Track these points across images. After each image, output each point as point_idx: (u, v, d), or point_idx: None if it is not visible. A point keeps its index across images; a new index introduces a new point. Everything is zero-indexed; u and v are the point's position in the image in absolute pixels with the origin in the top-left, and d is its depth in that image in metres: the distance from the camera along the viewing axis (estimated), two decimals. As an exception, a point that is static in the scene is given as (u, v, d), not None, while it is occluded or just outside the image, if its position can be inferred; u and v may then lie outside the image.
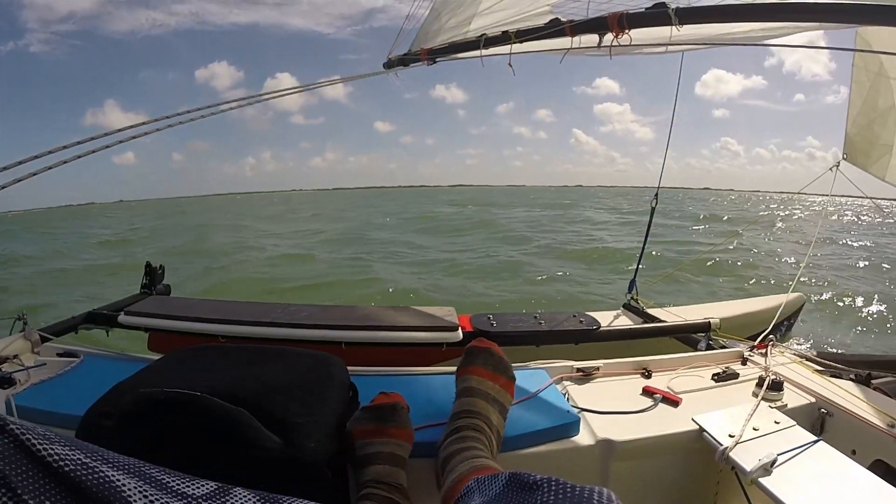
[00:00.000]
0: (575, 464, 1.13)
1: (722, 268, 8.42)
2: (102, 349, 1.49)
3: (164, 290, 2.34)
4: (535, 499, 0.57)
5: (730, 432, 1.16)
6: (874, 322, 5.75)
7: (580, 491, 0.55)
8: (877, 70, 2.66)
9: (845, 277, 8.18)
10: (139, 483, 0.44)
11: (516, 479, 0.63)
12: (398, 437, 0.98)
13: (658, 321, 2.34)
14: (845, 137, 2.96)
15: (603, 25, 1.77)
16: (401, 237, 14.00)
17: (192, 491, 0.48)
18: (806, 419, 1.34)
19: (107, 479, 0.42)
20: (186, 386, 0.80)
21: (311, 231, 16.08)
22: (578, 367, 1.47)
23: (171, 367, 1.03)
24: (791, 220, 21.24)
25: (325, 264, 9.23)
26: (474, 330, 1.94)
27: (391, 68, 2.38)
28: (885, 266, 9.36)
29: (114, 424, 0.76)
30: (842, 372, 1.59)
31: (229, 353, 1.09)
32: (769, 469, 1.04)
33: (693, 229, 16.11)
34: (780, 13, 1.56)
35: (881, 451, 1.22)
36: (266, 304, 2.11)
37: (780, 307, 2.43)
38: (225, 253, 10.66)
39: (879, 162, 2.82)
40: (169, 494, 0.46)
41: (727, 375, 1.51)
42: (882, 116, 2.74)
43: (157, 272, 2.33)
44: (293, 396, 0.89)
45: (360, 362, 1.30)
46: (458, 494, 0.73)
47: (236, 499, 0.50)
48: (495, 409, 1.04)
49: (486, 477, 0.69)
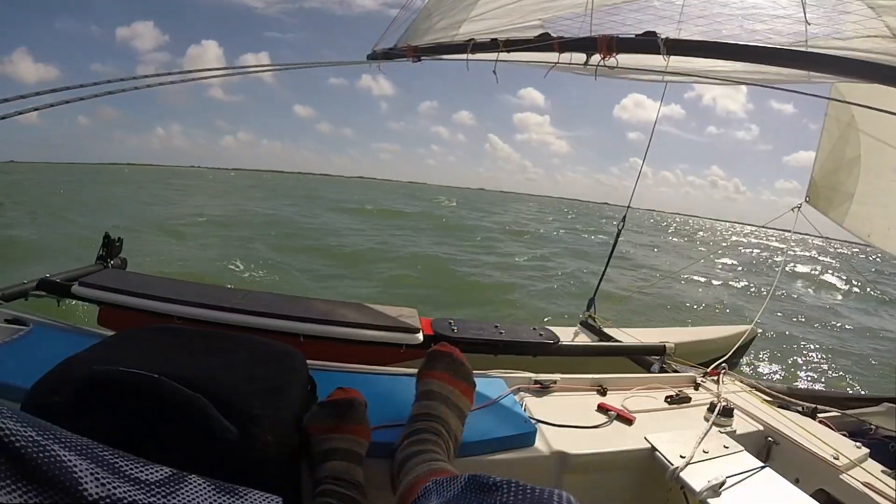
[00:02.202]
0: (529, 474, 1.13)
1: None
2: (53, 319, 1.42)
3: (120, 264, 2.26)
4: (495, 499, 0.57)
5: (681, 453, 1.19)
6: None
7: (539, 492, 0.55)
8: (847, 121, 2.79)
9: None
10: (91, 465, 0.42)
11: (475, 480, 0.62)
12: (356, 433, 0.96)
13: (613, 340, 2.39)
14: (810, 181, 3.08)
15: (592, 46, 1.80)
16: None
17: (146, 476, 0.46)
18: (753, 446, 1.39)
19: (58, 458, 0.40)
20: (143, 367, 0.77)
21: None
22: (536, 379, 1.49)
23: (128, 345, 0.98)
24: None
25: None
26: (435, 334, 1.93)
27: (374, 60, 2.37)
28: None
29: (63, 401, 0.72)
30: (789, 403, 1.65)
31: (189, 337, 1.04)
32: (717, 491, 1.07)
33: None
34: (767, 57, 1.61)
35: (824, 481, 1.27)
36: (226, 289, 2.06)
37: (732, 337, 2.51)
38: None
39: (840, 208, 2.96)
40: (122, 479, 0.44)
41: (680, 399, 1.55)
42: (848, 166, 2.87)
43: (115, 244, 2.25)
44: (254, 387, 0.86)
45: (317, 356, 1.28)
46: (415, 496, 0.72)
47: (191, 487, 0.49)
48: (454, 414, 1.03)
49: (444, 479, 0.69)
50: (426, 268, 8.72)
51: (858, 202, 2.90)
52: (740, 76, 1.94)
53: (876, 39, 1.61)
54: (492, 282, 8.22)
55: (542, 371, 1.54)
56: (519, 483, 0.58)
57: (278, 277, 7.07)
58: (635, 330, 2.62)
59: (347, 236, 12.04)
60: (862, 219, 2.91)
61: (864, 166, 2.83)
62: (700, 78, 2.00)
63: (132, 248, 2.46)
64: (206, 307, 1.77)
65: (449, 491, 0.65)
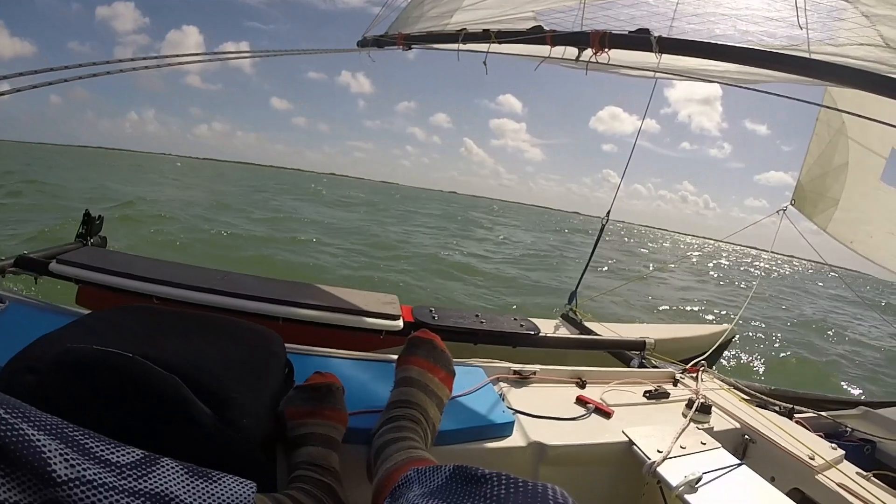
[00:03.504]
0: (506, 464, 1.13)
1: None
2: (30, 297, 1.39)
3: (100, 242, 2.22)
4: (484, 492, 0.55)
5: (658, 448, 1.19)
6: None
7: (533, 486, 0.53)
8: (837, 128, 2.82)
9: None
10: (61, 446, 0.42)
11: (461, 471, 0.61)
12: (332, 418, 0.96)
13: (594, 334, 2.40)
14: (797, 185, 3.11)
15: (584, 41, 1.80)
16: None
17: (117, 458, 0.46)
18: (730, 443, 1.40)
19: (27, 438, 0.40)
20: (119, 347, 0.75)
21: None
22: (515, 369, 1.49)
23: (104, 324, 0.96)
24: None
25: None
26: (415, 321, 1.93)
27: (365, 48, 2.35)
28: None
29: (37, 380, 0.70)
30: (767, 403, 1.66)
31: (167, 317, 1.03)
32: (694, 486, 1.08)
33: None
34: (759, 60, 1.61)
35: (799, 480, 1.28)
36: (206, 270, 2.04)
37: (712, 335, 2.53)
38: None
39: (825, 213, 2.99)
40: (92, 460, 0.43)
41: (659, 394, 1.55)
42: (836, 172, 2.90)
43: (95, 222, 2.20)
44: (230, 370, 0.85)
45: (296, 340, 1.27)
46: (395, 484, 0.70)
47: (163, 470, 0.48)
48: (433, 402, 1.03)
49: (426, 468, 0.67)
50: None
51: (843, 209, 2.94)
52: (732, 76, 1.94)
53: (868, 48, 1.62)
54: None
55: (521, 362, 1.54)
56: (509, 476, 0.56)
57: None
58: (616, 325, 2.63)
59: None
60: (846, 225, 2.95)
61: (851, 173, 2.87)
62: (691, 77, 2.01)
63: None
64: (186, 288, 1.75)
65: (432, 481, 0.64)
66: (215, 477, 0.52)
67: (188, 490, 0.48)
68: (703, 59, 1.83)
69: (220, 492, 0.51)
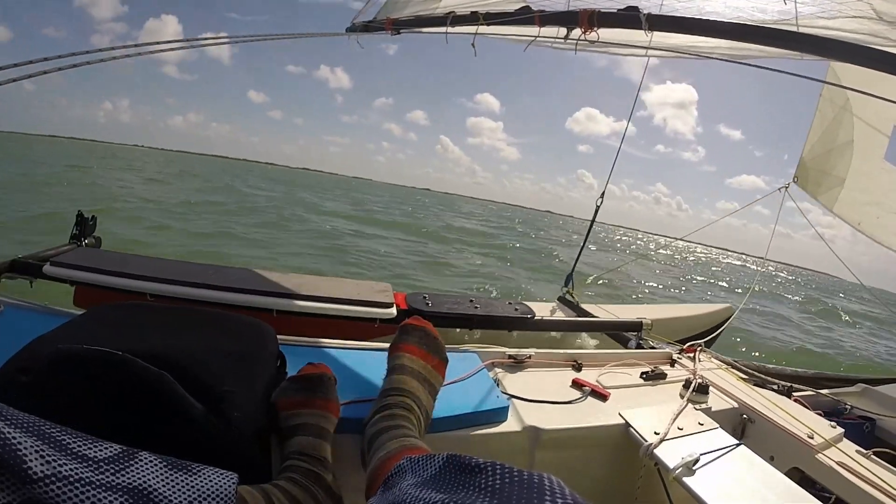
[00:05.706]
0: (501, 450, 1.12)
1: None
2: (25, 300, 1.39)
3: (94, 243, 2.22)
4: (479, 481, 0.54)
5: (655, 429, 1.19)
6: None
7: (528, 476, 0.52)
8: (842, 104, 2.77)
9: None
10: (37, 443, 0.42)
11: (455, 460, 0.59)
12: (324, 409, 0.95)
13: (591, 316, 2.39)
14: (799, 162, 3.06)
15: (573, 20, 1.78)
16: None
17: (94, 454, 0.45)
18: (728, 423, 1.39)
19: (2, 436, 0.39)
20: (111, 344, 0.75)
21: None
22: (510, 353, 1.48)
23: (96, 323, 0.96)
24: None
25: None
26: (409, 308, 1.93)
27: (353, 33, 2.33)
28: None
29: (31, 381, 0.70)
30: (765, 382, 1.65)
31: (158, 313, 1.03)
32: (691, 468, 1.07)
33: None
34: (750, 35, 1.59)
35: (798, 459, 1.28)
36: (199, 265, 2.04)
37: (709, 315, 2.52)
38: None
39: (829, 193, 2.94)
40: (69, 456, 0.43)
41: (656, 375, 1.55)
42: (840, 149, 2.85)
43: (89, 222, 2.20)
44: (222, 363, 0.85)
45: (290, 332, 1.27)
46: (388, 472, 0.69)
47: (141, 464, 0.48)
48: (426, 390, 1.02)
49: (419, 457, 0.66)
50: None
51: (849, 188, 2.88)
52: (723, 52, 1.91)
53: (861, 20, 1.59)
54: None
55: (518, 346, 1.54)
56: (504, 465, 0.54)
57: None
58: (613, 306, 2.63)
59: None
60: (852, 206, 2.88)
61: (857, 151, 2.80)
62: (682, 54, 1.98)
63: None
64: (180, 284, 1.75)
65: (426, 470, 0.63)
66: (195, 469, 0.52)
67: (167, 483, 0.48)
68: (693, 36, 1.81)
69: (200, 484, 0.50)
